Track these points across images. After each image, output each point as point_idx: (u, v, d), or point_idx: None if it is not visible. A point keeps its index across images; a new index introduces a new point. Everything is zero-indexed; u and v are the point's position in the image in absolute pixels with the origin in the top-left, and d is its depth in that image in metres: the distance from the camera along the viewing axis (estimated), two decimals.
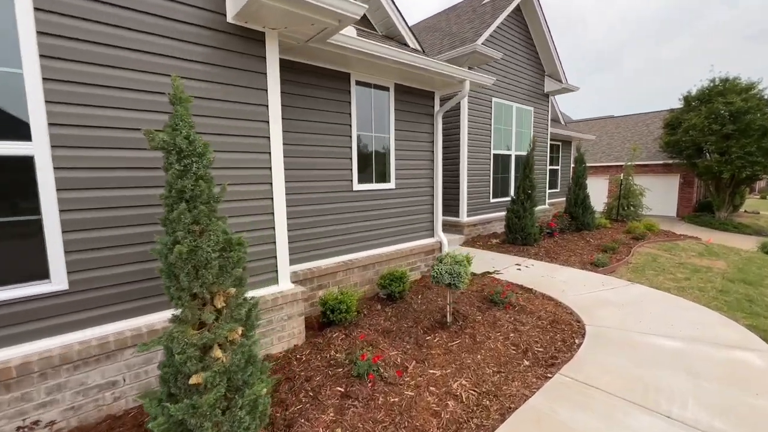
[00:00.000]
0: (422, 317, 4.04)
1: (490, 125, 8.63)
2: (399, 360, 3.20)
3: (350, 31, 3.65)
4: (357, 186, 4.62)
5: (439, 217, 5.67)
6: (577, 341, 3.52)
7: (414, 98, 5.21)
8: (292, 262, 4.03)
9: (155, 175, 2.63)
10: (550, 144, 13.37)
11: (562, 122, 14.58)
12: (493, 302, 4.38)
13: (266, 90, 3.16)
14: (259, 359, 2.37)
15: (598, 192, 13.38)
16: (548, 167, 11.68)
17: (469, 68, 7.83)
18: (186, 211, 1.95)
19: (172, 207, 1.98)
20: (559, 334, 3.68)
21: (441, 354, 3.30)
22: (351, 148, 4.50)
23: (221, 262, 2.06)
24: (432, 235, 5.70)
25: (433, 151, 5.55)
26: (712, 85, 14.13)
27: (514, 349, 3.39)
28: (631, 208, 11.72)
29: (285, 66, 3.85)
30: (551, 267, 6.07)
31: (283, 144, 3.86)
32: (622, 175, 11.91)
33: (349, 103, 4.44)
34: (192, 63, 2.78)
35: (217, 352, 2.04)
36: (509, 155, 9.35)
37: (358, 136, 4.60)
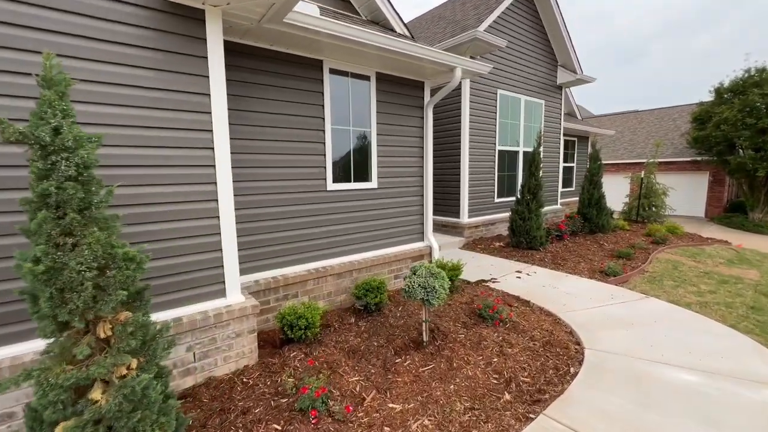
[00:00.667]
0: (397, 334, 3.58)
1: (495, 119, 8.03)
2: (358, 388, 2.76)
3: (309, 8, 3.21)
4: (331, 186, 4.19)
5: (429, 219, 5.18)
6: (572, 370, 2.98)
7: (400, 89, 4.72)
8: (253, 270, 3.65)
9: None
10: (565, 140, 12.60)
11: (579, 116, 13.71)
12: (482, 317, 3.88)
13: (208, 77, 2.76)
14: (171, 395, 1.98)
15: (619, 191, 12.49)
16: (561, 164, 10.94)
17: (471, 58, 7.26)
18: (50, 221, 1.56)
19: (34, 214, 1.60)
20: (552, 360, 3.15)
21: (408, 382, 2.84)
22: (324, 143, 4.07)
23: (102, 282, 1.67)
24: (421, 239, 5.22)
25: (422, 147, 5.05)
26: (747, 75, 12.95)
27: (495, 378, 2.90)
28: (653, 209, 10.85)
29: (243, 52, 3.45)
30: (556, 275, 5.48)
31: (241, 139, 3.48)
32: (643, 173, 11.03)
33: (322, 93, 4.00)
34: (110, 45, 2.40)
35: (96, 394, 1.65)
36: (516, 152, 8.72)
37: (334, 131, 4.16)
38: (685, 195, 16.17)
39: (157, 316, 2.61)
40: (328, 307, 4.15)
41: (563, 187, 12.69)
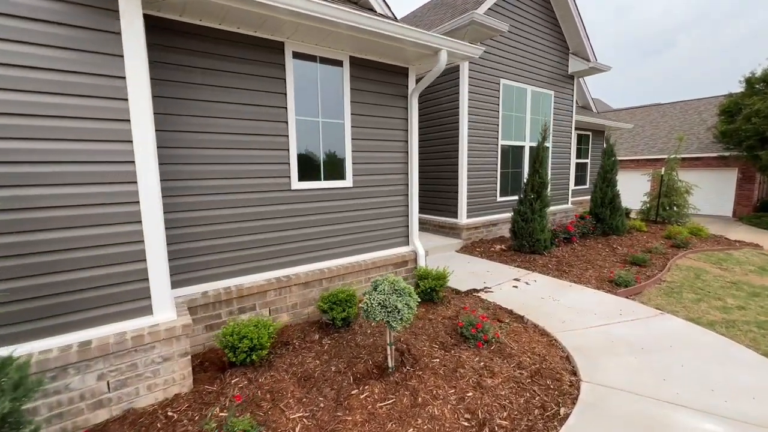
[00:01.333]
0: (362, 356, 3.10)
1: (498, 112, 7.41)
2: (297, 430, 2.30)
3: None
4: (297, 184, 3.73)
5: (414, 222, 4.66)
6: (562, 411, 2.45)
7: (379, 75, 4.21)
8: (199, 280, 3.23)
9: None
10: (579, 134, 11.84)
11: (594, 109, 12.86)
12: (464, 336, 3.36)
13: (122, 56, 2.33)
14: None
15: (639, 189, 11.58)
16: (572, 160, 10.20)
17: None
18: None
19: None
20: (539, 396, 2.62)
21: (360, 422, 2.36)
22: (287, 137, 3.61)
23: None
24: (405, 243, 4.71)
25: (407, 141, 4.54)
26: None
27: (466, 420, 2.39)
28: (674, 209, 10.00)
29: (185, 32, 3.01)
30: (558, 284, 4.89)
31: (183, 131, 3.05)
32: (663, 169, 10.18)
33: (284, 80, 3.53)
34: None
35: None
36: (522, 147, 8.07)
37: (299, 123, 3.69)
38: (711, 193, 15.09)
39: (53, 342, 2.21)
40: (291, 320, 3.71)
41: (576, 184, 11.94)
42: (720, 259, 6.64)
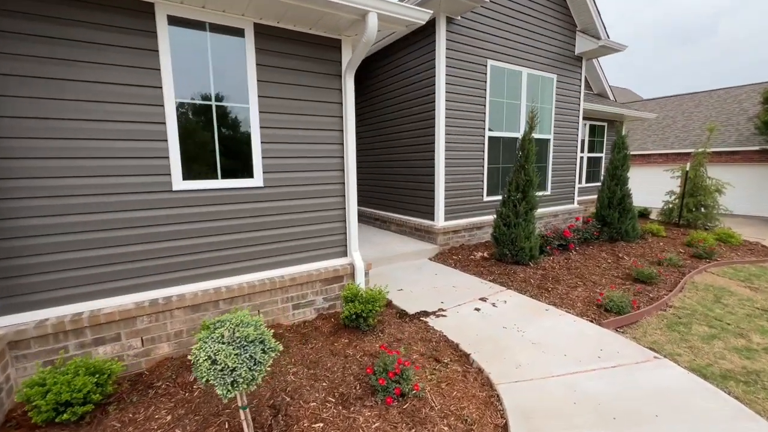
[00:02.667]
0: (222, 415, 2.35)
1: (484, 98, 6.42)
2: None
3: None
4: (182, 184, 2.99)
5: (353, 228, 3.85)
6: None
7: (300, 48, 3.40)
8: (34, 305, 2.56)
9: None
10: (592, 125, 10.59)
11: (612, 97, 11.47)
12: (373, 388, 2.55)
13: None
14: None
15: (668, 187, 10.08)
16: (580, 154, 9.03)
17: (449, 19, 5.72)
18: None
19: None
20: None
21: None
22: (165, 123, 2.88)
23: None
24: (342, 254, 3.91)
25: (342, 130, 3.72)
26: None
27: None
28: (701, 210, 8.66)
29: None
30: (532, 308, 3.96)
31: (16, 117, 2.37)
32: (688, 165, 8.83)
33: (156, 52, 2.79)
34: None
35: None
36: (516, 139, 7.04)
37: (181, 107, 2.95)
38: (751, 191, 13.37)
39: None
40: (173, 352, 3.00)
41: (587, 181, 10.71)
42: (751, 275, 5.45)
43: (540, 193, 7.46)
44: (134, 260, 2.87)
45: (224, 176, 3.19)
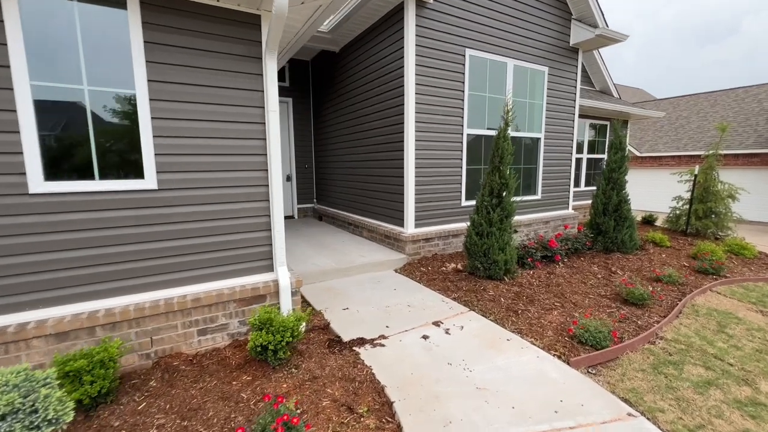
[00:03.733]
0: None
1: (462, 92, 5.78)
2: None
3: None
4: (43, 186, 2.46)
5: (279, 239, 3.27)
6: None
7: (208, 25, 2.84)
8: None
9: None
10: (593, 124, 9.82)
11: (616, 94, 10.65)
12: None
13: None
14: None
15: (679, 192, 9.20)
16: (578, 155, 8.30)
17: (420, 3, 5.10)
18: None
19: None
20: None
21: None
22: (15, 111, 2.34)
23: None
24: (267, 269, 3.33)
25: (264, 122, 3.14)
26: None
27: None
28: (711, 217, 7.84)
29: None
30: (492, 337, 3.32)
31: None
32: (697, 168, 8.00)
33: (1, 22, 2.26)
34: None
35: None
36: None
37: (39, 91, 2.41)
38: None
39: None
40: None
41: (588, 184, 9.94)
42: (765, 296, 4.69)
43: (529, 198, 6.81)
44: None
45: (104, 176, 2.64)
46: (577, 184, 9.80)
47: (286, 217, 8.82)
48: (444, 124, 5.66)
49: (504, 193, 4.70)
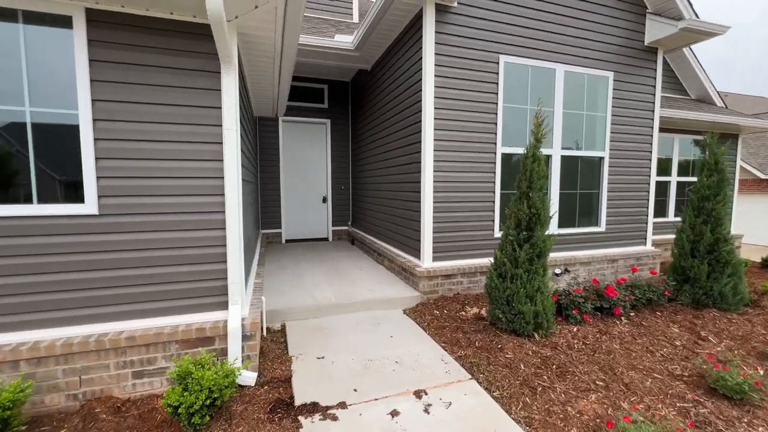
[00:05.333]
0: None
1: (496, 104, 4.96)
2: None
3: None
4: None
5: (236, 271, 2.86)
6: None
7: (160, 39, 2.64)
8: None
9: None
10: (684, 139, 8.00)
11: (720, 103, 8.55)
12: None
13: None
14: None
15: None
16: (663, 178, 6.69)
17: (441, 7, 4.53)
18: None
19: None
20: None
21: None
22: None
23: None
24: (221, 307, 2.92)
25: (221, 142, 2.82)
26: None
27: None
28: None
29: None
30: (485, 425, 2.42)
31: None
32: None
33: None
34: None
35: None
36: (548, 157, 5.34)
37: None
38: None
39: None
40: None
41: (678, 214, 8.00)
42: None
43: (587, 230, 5.59)
44: None
45: (42, 201, 2.51)
46: (662, 213, 7.92)
47: (319, 240, 8.62)
48: (471, 141, 4.87)
49: (535, 226, 3.73)
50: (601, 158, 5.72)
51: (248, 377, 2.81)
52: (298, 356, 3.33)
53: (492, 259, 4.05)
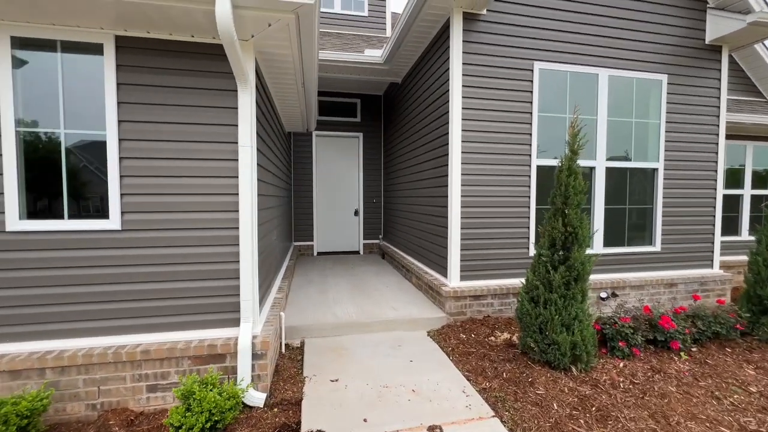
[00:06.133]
0: None
1: (530, 113, 4.64)
2: None
3: None
4: (18, 224, 2.57)
5: (248, 288, 2.84)
6: None
7: (182, 61, 2.74)
8: None
9: None
10: (758, 146, 7.06)
11: None
12: None
13: None
14: None
15: None
16: (733, 191, 5.89)
17: (468, 15, 4.37)
18: None
19: None
20: None
21: None
22: (1, 156, 2.53)
23: None
24: (232, 323, 2.90)
25: (236, 159, 2.84)
26: None
27: None
28: None
29: None
30: None
31: None
32: None
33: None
34: None
35: None
36: (591, 169, 4.89)
37: (24, 136, 2.57)
38: None
39: None
40: None
41: (744, 232, 6.99)
42: None
43: (639, 249, 5.05)
44: None
45: (73, 216, 2.66)
46: (733, 231, 6.94)
47: (350, 253, 8.60)
48: (502, 154, 4.58)
49: (573, 246, 3.36)
50: (655, 169, 5.13)
51: (256, 398, 2.74)
52: (311, 377, 3.22)
53: (521, 281, 3.71)
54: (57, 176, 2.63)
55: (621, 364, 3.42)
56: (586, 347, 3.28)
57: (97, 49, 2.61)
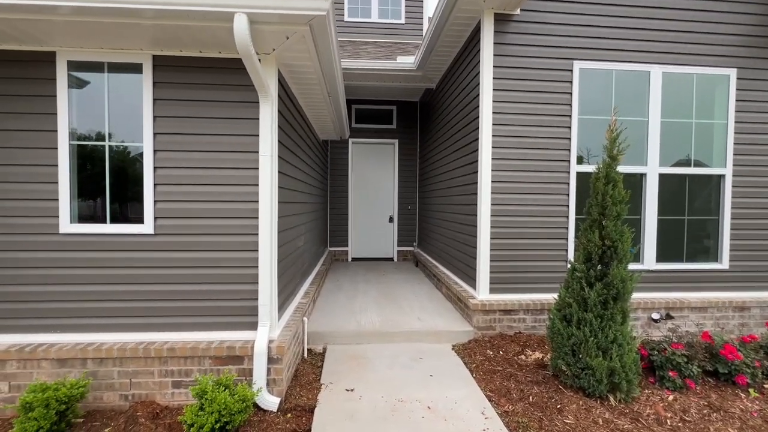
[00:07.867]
0: None
1: (570, 117, 4.33)
2: None
3: None
4: (70, 227, 2.87)
5: (266, 292, 2.91)
6: None
7: (210, 76, 2.91)
8: None
9: None
10: None
11: None
12: None
13: None
14: None
15: None
16: None
17: (500, 17, 4.20)
18: None
19: None
20: None
21: None
22: (57, 166, 2.84)
23: None
24: (250, 327, 2.98)
25: (257, 168, 2.94)
26: None
27: None
28: None
29: None
30: None
31: None
32: None
33: (54, 97, 2.82)
34: None
35: None
36: (641, 176, 4.45)
37: (76, 149, 2.87)
38: None
39: None
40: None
41: None
42: None
43: (701, 266, 4.54)
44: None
45: (114, 221, 2.91)
46: None
47: (384, 259, 8.57)
48: (537, 160, 4.31)
49: (611, 260, 3.04)
50: (721, 176, 4.53)
51: (270, 402, 2.78)
52: (328, 385, 3.21)
53: (556, 296, 3.43)
54: (101, 184, 2.90)
55: (670, 397, 3.01)
56: (627, 375, 2.93)
57: (137, 68, 2.86)
